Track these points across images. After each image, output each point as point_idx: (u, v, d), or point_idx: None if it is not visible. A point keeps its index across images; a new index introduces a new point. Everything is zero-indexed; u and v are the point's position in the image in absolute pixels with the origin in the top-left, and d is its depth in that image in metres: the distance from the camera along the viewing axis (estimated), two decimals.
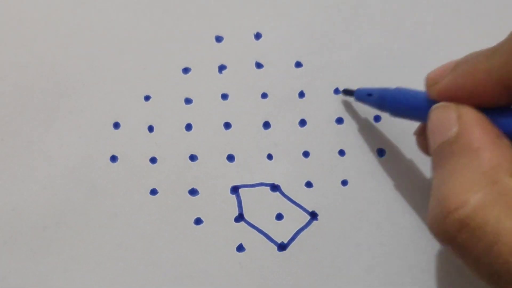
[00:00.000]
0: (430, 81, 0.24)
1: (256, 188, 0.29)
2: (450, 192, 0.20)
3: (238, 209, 0.29)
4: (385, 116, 0.30)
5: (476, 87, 0.22)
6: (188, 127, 0.30)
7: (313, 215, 0.29)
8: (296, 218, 0.29)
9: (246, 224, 0.29)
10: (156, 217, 0.29)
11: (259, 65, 0.31)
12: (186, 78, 0.31)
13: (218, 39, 0.31)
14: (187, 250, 0.29)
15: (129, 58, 0.31)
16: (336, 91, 0.30)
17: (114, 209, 0.29)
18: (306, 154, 0.30)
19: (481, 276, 0.20)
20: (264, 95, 0.30)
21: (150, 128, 0.30)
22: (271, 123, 0.30)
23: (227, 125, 0.30)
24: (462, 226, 0.20)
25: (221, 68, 0.31)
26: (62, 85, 0.30)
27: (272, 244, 0.29)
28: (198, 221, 0.29)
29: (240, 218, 0.29)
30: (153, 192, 0.29)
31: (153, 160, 0.30)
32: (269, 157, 0.30)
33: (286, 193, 0.29)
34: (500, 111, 0.22)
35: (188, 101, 0.30)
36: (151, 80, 0.31)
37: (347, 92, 0.30)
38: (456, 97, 0.23)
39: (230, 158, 0.30)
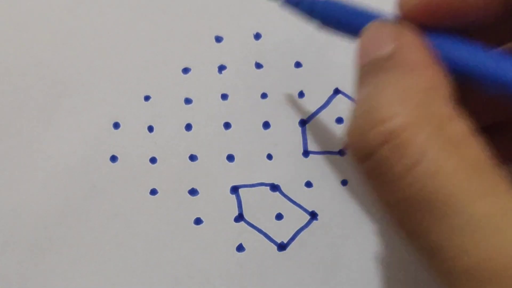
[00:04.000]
0: None
1: (256, 188, 0.29)
2: (379, 103, 0.18)
3: (238, 209, 0.29)
4: None
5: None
6: (188, 127, 0.30)
7: (313, 215, 0.29)
8: (296, 218, 0.29)
9: (246, 224, 0.29)
10: (156, 217, 0.29)
11: (259, 65, 0.31)
12: (186, 78, 0.31)
13: (218, 39, 0.31)
14: (187, 250, 0.29)
15: (129, 58, 0.31)
16: (336, 91, 0.31)
17: (114, 209, 0.29)
18: (306, 154, 0.30)
19: (387, 203, 0.18)
20: (264, 95, 0.31)
21: (150, 128, 0.30)
22: (271, 123, 0.30)
23: (227, 125, 0.30)
24: (385, 141, 0.18)
25: (221, 68, 0.31)
26: (62, 85, 0.30)
27: (272, 244, 0.29)
28: (198, 221, 0.29)
29: (240, 218, 0.29)
30: (153, 192, 0.29)
31: (153, 160, 0.30)
32: (269, 157, 0.30)
33: (286, 193, 0.29)
34: (450, 36, 0.20)
35: (188, 101, 0.30)
36: (151, 80, 0.31)
37: None
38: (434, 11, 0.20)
39: (230, 158, 0.30)
